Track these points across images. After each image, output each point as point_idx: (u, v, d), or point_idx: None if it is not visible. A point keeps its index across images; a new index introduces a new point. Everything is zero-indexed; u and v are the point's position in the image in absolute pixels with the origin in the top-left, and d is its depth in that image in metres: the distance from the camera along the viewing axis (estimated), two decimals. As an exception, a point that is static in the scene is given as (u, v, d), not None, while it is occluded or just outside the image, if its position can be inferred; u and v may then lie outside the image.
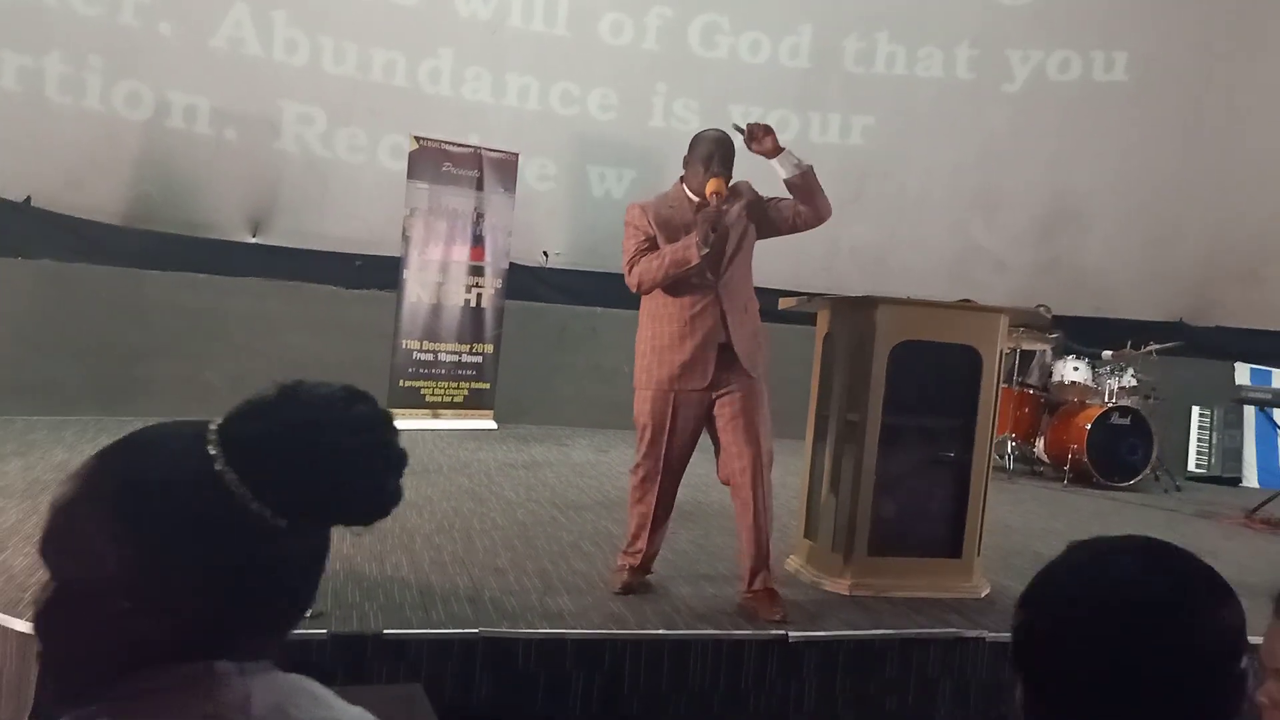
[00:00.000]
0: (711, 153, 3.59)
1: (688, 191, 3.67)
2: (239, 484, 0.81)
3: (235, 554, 0.82)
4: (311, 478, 0.83)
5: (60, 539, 0.83)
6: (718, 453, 3.67)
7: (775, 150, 3.58)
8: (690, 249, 3.50)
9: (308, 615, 3.06)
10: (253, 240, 7.81)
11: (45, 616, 0.84)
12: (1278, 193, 8.49)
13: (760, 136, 3.58)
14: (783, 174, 3.60)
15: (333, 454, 0.83)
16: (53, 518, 0.84)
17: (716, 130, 3.69)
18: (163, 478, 0.82)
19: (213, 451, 0.82)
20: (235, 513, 0.81)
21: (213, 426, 0.84)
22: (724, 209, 3.53)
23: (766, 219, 3.69)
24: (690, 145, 3.69)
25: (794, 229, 3.75)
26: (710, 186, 3.53)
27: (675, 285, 3.60)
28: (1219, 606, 0.99)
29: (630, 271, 3.65)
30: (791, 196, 3.65)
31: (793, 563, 4.16)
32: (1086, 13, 9.09)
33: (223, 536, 0.81)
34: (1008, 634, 3.51)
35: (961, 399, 4.04)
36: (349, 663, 2.91)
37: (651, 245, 3.63)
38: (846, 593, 3.83)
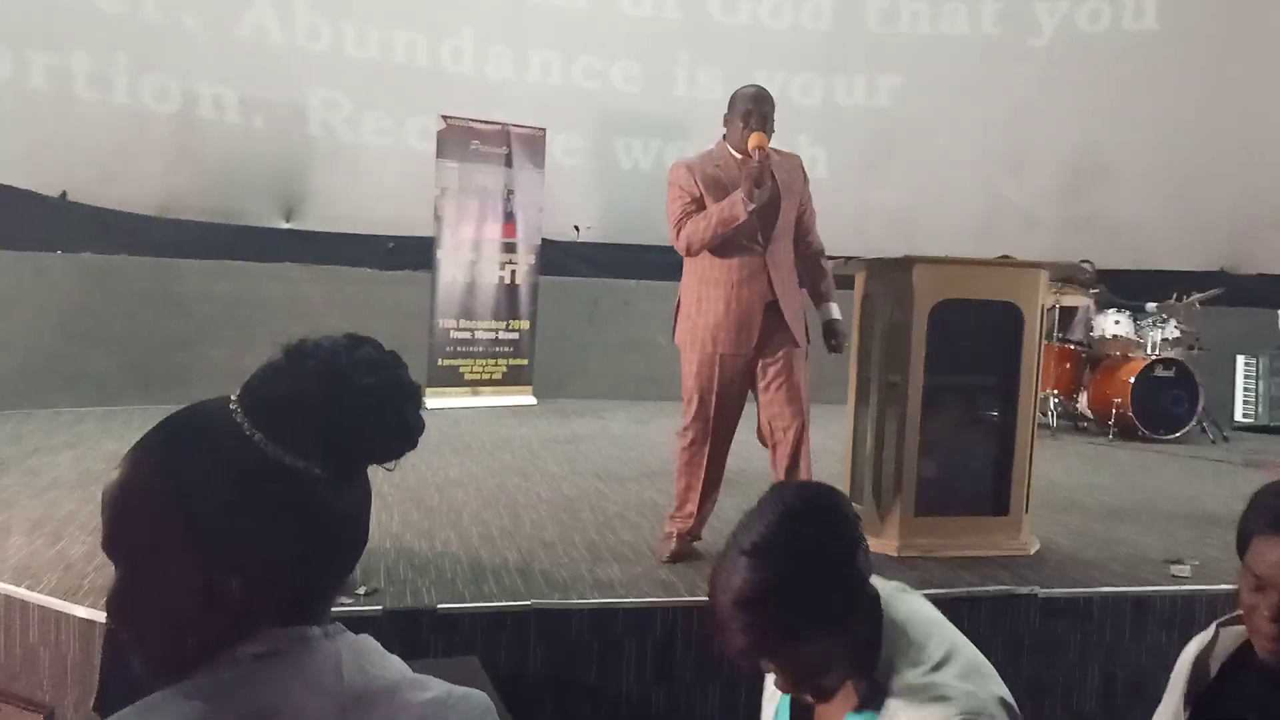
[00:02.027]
0: (750, 109, 3.56)
1: (730, 149, 3.63)
2: (270, 444, 0.84)
3: (286, 512, 0.85)
4: (336, 422, 0.86)
5: (118, 529, 0.86)
6: (759, 414, 3.67)
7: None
8: (737, 205, 3.47)
9: (360, 593, 3.12)
10: (286, 226, 7.88)
11: (119, 603, 0.87)
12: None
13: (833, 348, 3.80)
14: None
15: (350, 396, 0.86)
16: (108, 510, 0.87)
17: (754, 86, 3.66)
18: (202, 453, 0.85)
19: (239, 419, 0.86)
20: (276, 472, 0.84)
21: (233, 398, 0.88)
22: (767, 162, 3.49)
23: (802, 203, 3.73)
24: (730, 102, 3.66)
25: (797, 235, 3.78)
26: (752, 141, 3.49)
27: (723, 248, 3.57)
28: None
29: (678, 235, 3.60)
30: (808, 229, 3.77)
31: (838, 526, 4.15)
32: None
33: (270, 497, 0.84)
34: (1059, 590, 3.50)
35: (1003, 356, 4.00)
36: (405, 638, 2.95)
37: (697, 206, 3.59)
38: (894, 553, 3.82)
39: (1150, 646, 3.38)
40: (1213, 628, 1.66)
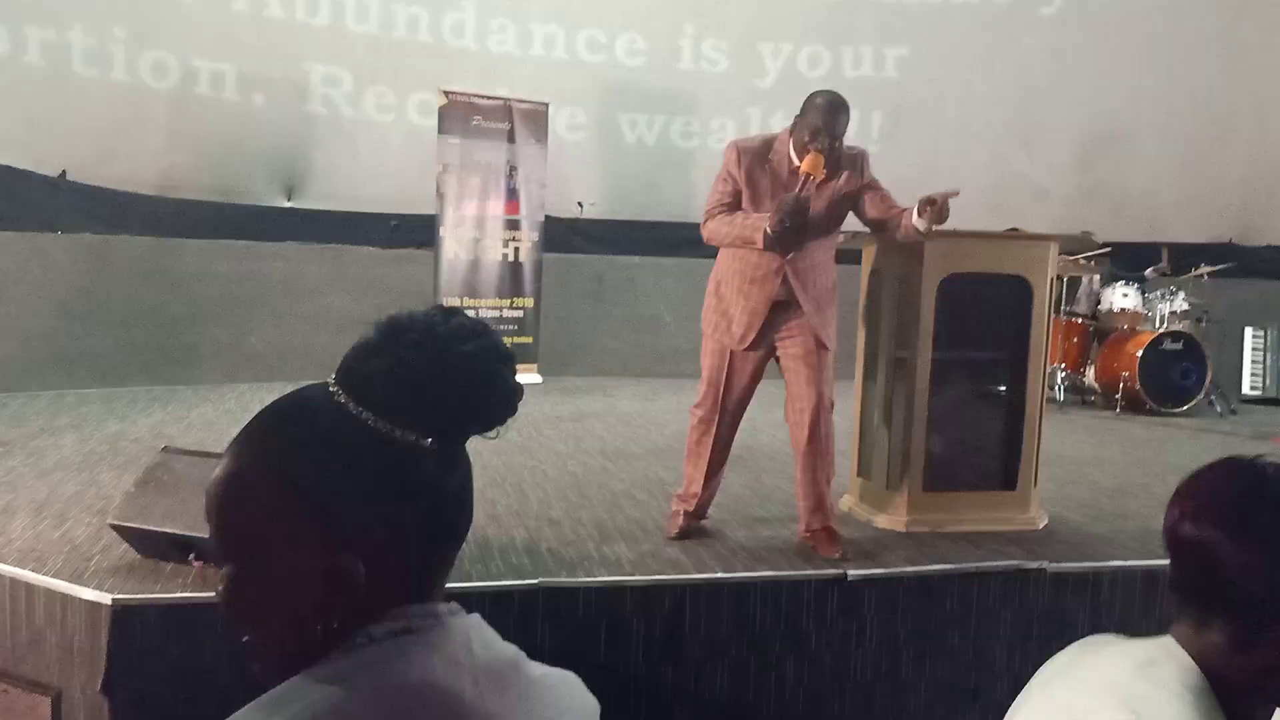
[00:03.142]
0: (819, 126, 3.37)
1: (790, 151, 3.50)
2: (379, 420, 0.84)
3: (401, 488, 0.85)
4: (442, 392, 0.85)
5: (230, 524, 0.85)
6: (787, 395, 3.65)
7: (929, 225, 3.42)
8: (758, 232, 3.42)
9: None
10: (287, 204, 7.83)
11: (238, 602, 0.86)
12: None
13: (937, 215, 3.39)
14: (917, 223, 3.41)
15: (453, 365, 0.86)
16: (216, 506, 0.86)
17: (830, 95, 3.46)
18: (310, 437, 0.84)
19: (343, 399, 0.85)
20: (387, 448, 0.84)
21: (331, 380, 0.88)
22: (808, 196, 3.37)
23: (859, 204, 3.59)
24: (804, 104, 3.48)
25: (872, 230, 3.68)
26: (805, 165, 3.36)
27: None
28: None
29: (705, 224, 3.59)
30: (886, 204, 3.55)
31: (847, 501, 4.14)
32: (1126, -76, 8.77)
33: (384, 474, 0.84)
34: (1068, 564, 3.47)
35: (1012, 330, 3.97)
36: (412, 617, 2.94)
37: (735, 201, 3.54)
38: (903, 529, 3.80)
39: (1161, 620, 3.35)
40: None
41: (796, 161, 3.45)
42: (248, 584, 0.85)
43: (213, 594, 0.92)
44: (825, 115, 3.40)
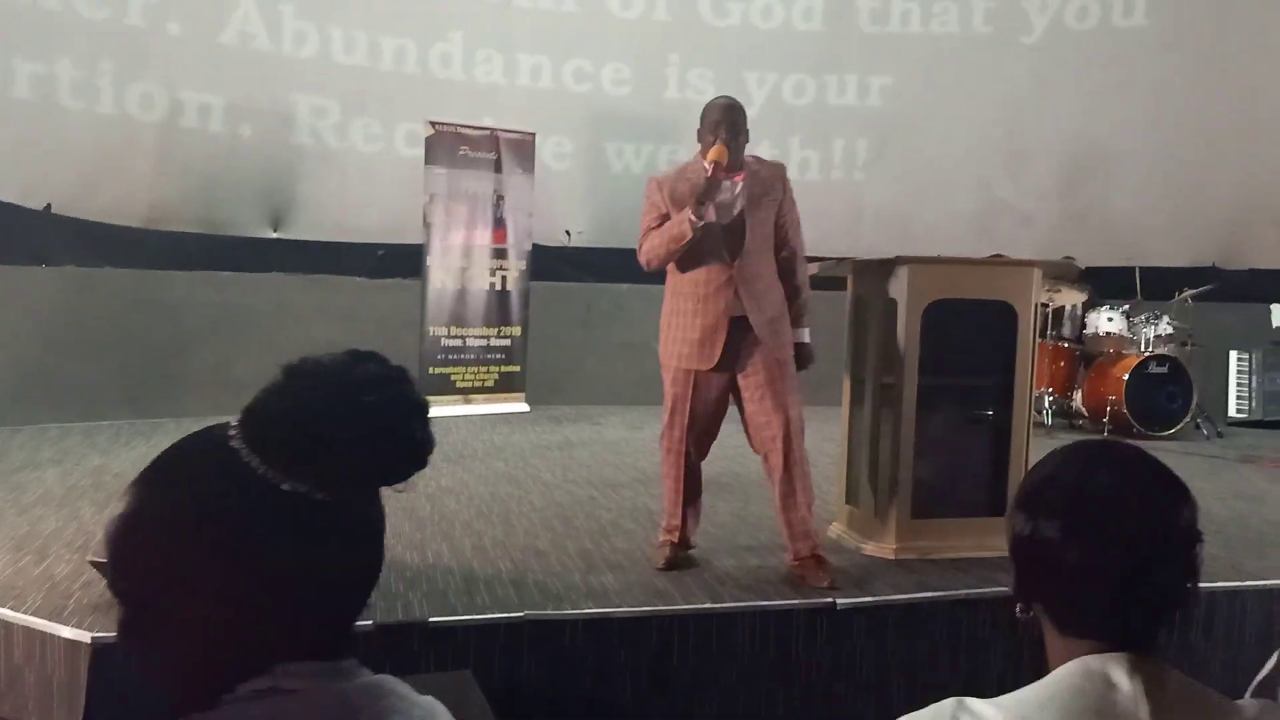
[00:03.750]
0: (719, 120, 3.53)
1: (703, 161, 3.58)
2: (267, 469, 0.80)
3: (287, 540, 0.81)
4: (337, 443, 0.81)
5: (120, 565, 0.84)
6: (745, 427, 3.62)
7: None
8: (684, 223, 3.46)
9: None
10: (274, 235, 7.82)
11: (128, 641, 0.84)
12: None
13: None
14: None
15: (351, 414, 0.82)
16: (110, 546, 0.84)
17: (725, 97, 3.66)
18: (197, 482, 0.82)
19: (236, 445, 0.82)
20: (274, 498, 0.80)
21: (233, 423, 0.84)
22: (720, 178, 3.45)
23: (779, 214, 3.64)
24: (701, 114, 3.64)
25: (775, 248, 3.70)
26: (710, 154, 3.46)
27: (691, 263, 3.55)
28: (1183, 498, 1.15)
29: (639, 251, 3.64)
30: (790, 238, 3.67)
31: (835, 529, 4.13)
32: (1105, -45, 8.91)
33: (270, 525, 0.80)
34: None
35: (998, 356, 3.98)
36: (397, 653, 2.91)
37: (663, 222, 3.59)
38: (892, 556, 3.79)
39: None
40: None
41: (707, 167, 3.50)
42: (137, 625, 0.83)
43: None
44: (721, 110, 3.57)
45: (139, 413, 6.61)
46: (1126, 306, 7.53)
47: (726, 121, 3.52)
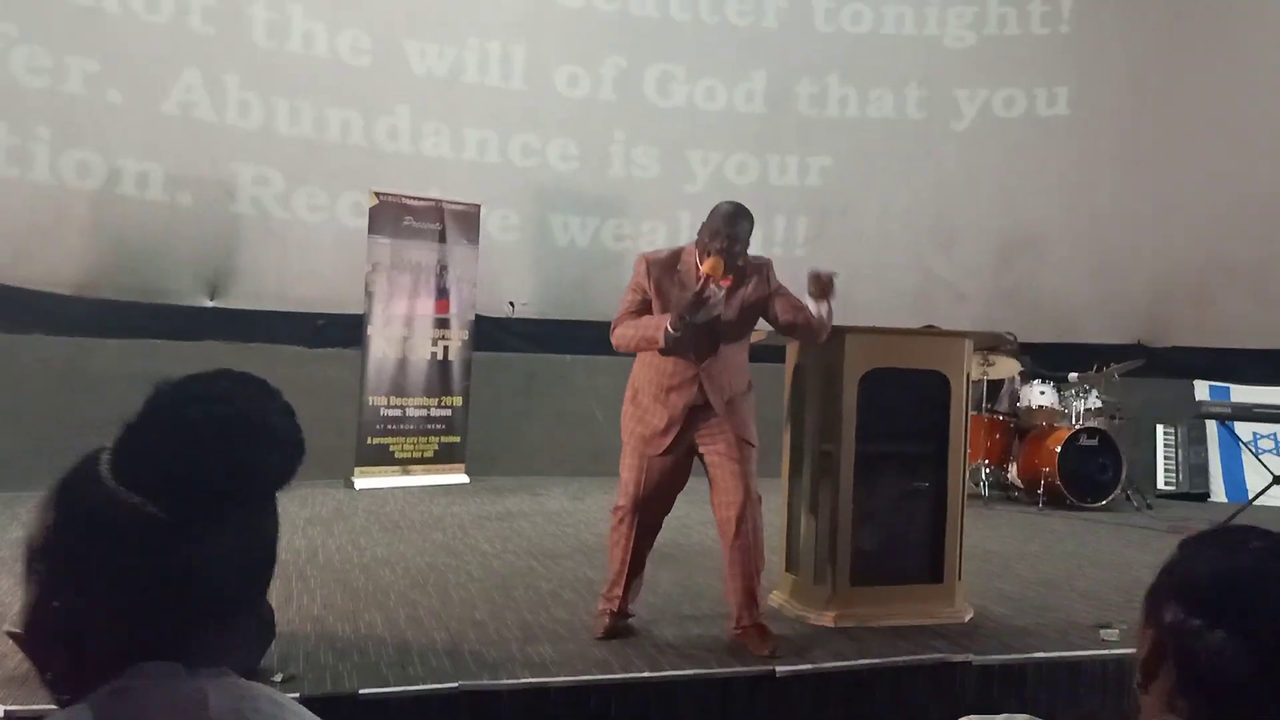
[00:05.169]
0: (719, 228, 3.49)
1: (696, 260, 3.58)
2: (114, 484, 0.84)
3: (126, 551, 0.84)
4: (165, 459, 0.84)
5: (24, 570, 0.89)
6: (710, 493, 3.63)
7: (826, 303, 3.59)
8: (659, 331, 3.46)
9: (277, 680, 2.97)
10: (210, 304, 7.71)
11: (26, 632, 0.89)
12: (1217, 218, 8.70)
13: (823, 288, 3.57)
14: (813, 307, 3.59)
15: (176, 432, 0.85)
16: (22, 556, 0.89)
17: (733, 204, 3.59)
18: (64, 493, 0.87)
19: (103, 469, 0.86)
20: (119, 511, 0.84)
21: (106, 447, 0.88)
22: (708, 296, 3.43)
23: (769, 310, 3.66)
24: (709, 213, 3.58)
25: (785, 334, 3.75)
26: (705, 267, 3.44)
27: (664, 354, 3.55)
28: None
29: (613, 331, 3.62)
30: (795, 307, 3.64)
31: (776, 597, 4.11)
32: (1027, 53, 9.40)
33: (113, 536, 0.84)
34: (994, 656, 3.47)
35: (933, 424, 4.05)
36: (325, 724, 2.81)
37: (642, 310, 3.59)
38: (832, 624, 3.78)
39: (1084, 710, 3.37)
40: None
41: (700, 271, 3.50)
42: (33, 621, 0.88)
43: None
44: (725, 220, 3.51)
45: (63, 483, 6.39)
46: (1057, 380, 7.73)
47: (728, 233, 3.47)
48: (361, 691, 2.93)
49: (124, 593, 0.84)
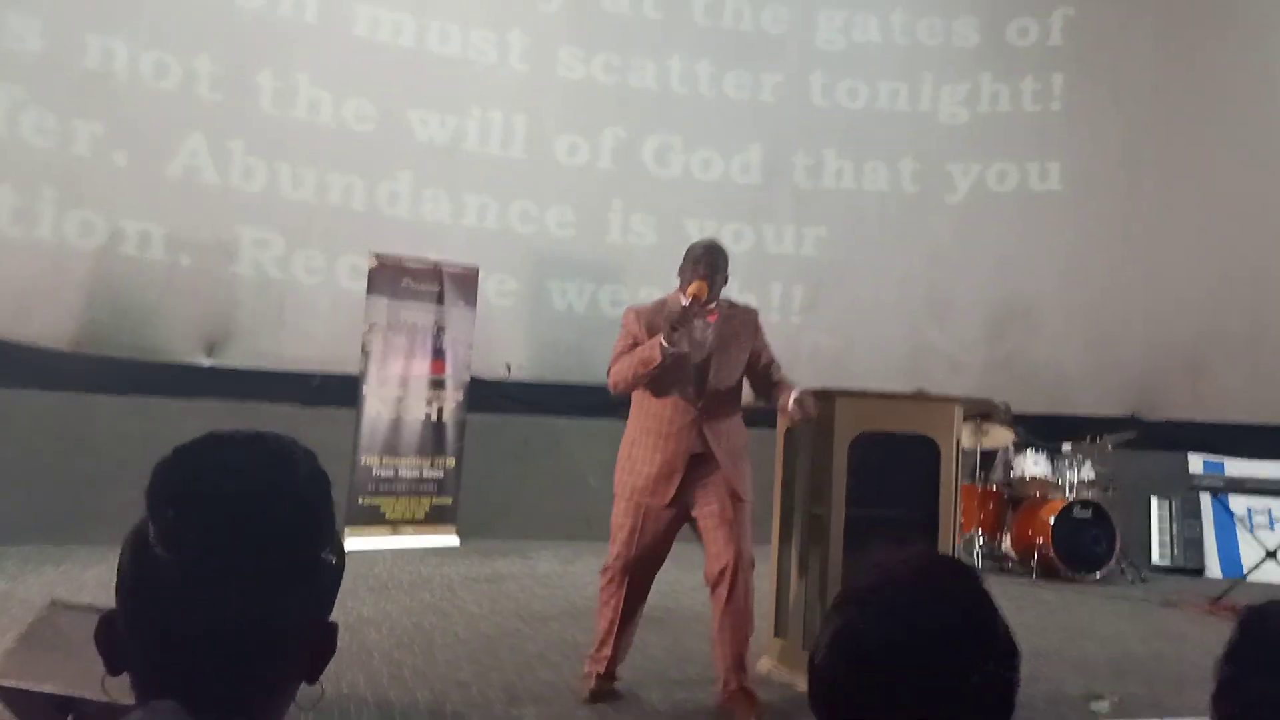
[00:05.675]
0: (699, 257, 3.67)
1: (682, 297, 3.68)
2: (150, 525, 0.94)
3: (140, 583, 0.93)
4: (172, 515, 0.94)
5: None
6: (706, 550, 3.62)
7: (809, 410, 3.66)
8: (655, 348, 3.52)
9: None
10: (207, 363, 7.74)
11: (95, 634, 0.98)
12: (1209, 291, 8.79)
13: (805, 413, 3.65)
14: (792, 410, 3.63)
15: (158, 484, 0.95)
16: None
17: (709, 239, 3.84)
18: (127, 548, 0.97)
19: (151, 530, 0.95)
20: (149, 549, 0.93)
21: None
22: (696, 310, 3.54)
23: (754, 358, 3.73)
24: (685, 252, 3.76)
25: (761, 388, 3.79)
26: (690, 289, 3.58)
27: (660, 400, 3.60)
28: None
29: (609, 374, 3.67)
30: (771, 376, 3.73)
31: (765, 663, 4.07)
32: (1020, 128, 9.58)
33: (139, 573, 0.94)
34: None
35: (923, 490, 4.04)
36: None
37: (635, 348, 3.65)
38: (820, 691, 3.73)
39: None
40: None
41: (685, 302, 3.61)
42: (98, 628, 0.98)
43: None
44: (704, 249, 3.71)
45: (51, 540, 6.35)
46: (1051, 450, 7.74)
47: (707, 260, 3.65)
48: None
49: (130, 616, 0.94)
